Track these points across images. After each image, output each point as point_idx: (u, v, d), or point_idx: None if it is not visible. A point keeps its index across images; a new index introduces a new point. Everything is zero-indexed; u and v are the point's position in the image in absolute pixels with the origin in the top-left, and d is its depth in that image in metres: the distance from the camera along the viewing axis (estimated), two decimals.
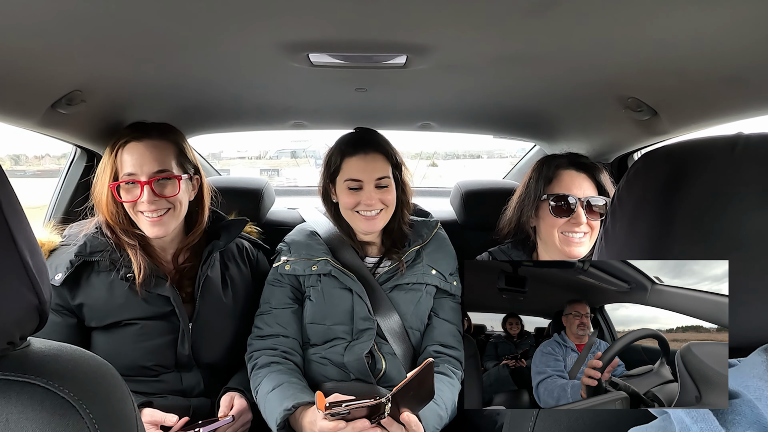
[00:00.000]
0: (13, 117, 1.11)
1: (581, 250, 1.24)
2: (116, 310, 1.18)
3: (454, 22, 0.80)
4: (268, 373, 1.18)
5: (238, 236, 1.39)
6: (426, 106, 1.57)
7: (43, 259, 0.52)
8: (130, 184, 1.18)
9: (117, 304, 1.17)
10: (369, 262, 1.35)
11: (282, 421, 1.08)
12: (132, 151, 1.19)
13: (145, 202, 1.16)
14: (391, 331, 1.26)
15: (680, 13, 0.73)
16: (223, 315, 1.29)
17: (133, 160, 1.18)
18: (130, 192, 1.18)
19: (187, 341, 1.21)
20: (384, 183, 1.27)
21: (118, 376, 0.57)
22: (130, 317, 1.18)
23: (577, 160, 1.29)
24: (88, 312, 1.18)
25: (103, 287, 1.18)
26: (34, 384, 0.49)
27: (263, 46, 0.92)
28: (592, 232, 1.24)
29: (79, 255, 1.16)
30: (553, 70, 1.06)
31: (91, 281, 1.18)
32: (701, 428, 0.38)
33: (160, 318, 1.20)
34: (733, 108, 1.06)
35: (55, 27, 0.81)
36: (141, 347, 1.19)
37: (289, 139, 6.34)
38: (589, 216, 1.22)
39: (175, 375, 1.22)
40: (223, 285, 1.31)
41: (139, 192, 1.17)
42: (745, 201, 0.43)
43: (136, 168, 1.17)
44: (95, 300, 1.17)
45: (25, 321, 0.50)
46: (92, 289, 1.18)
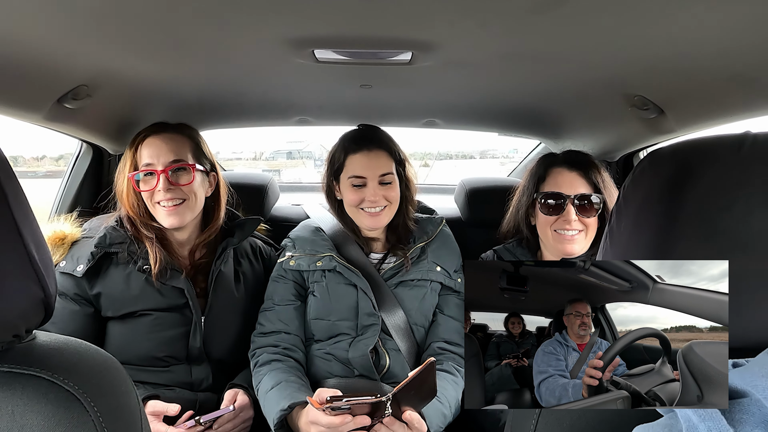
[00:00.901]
0: (20, 111, 1.11)
1: (574, 248, 1.24)
2: (132, 301, 1.21)
3: (460, 19, 0.80)
4: (269, 371, 1.19)
5: (252, 235, 1.42)
6: (431, 103, 1.57)
7: (48, 252, 0.52)
8: (148, 174, 1.22)
9: (133, 294, 1.21)
10: (374, 258, 1.35)
11: (279, 421, 1.09)
12: (150, 144, 1.24)
13: (162, 190, 1.20)
14: (395, 327, 1.26)
15: (687, 11, 0.72)
16: (234, 310, 1.31)
17: (151, 151, 1.23)
18: (148, 182, 1.22)
19: (199, 334, 1.23)
20: (388, 179, 1.28)
21: (123, 370, 0.57)
22: (145, 308, 1.22)
23: (570, 158, 1.29)
24: (105, 302, 1.21)
25: (121, 278, 1.21)
26: (39, 377, 0.49)
27: (269, 42, 0.92)
28: (587, 229, 1.23)
29: (99, 246, 1.20)
30: (558, 67, 1.05)
31: (110, 272, 1.22)
32: (709, 427, 0.38)
33: (174, 310, 1.23)
34: (740, 107, 1.05)
35: (61, 22, 0.82)
36: (154, 338, 1.22)
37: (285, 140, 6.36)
38: (580, 213, 1.22)
39: (185, 367, 1.24)
40: (236, 281, 1.34)
41: (156, 181, 1.21)
42: (751, 200, 0.43)
43: (153, 158, 1.22)
44: (112, 290, 1.21)
45: (31, 314, 0.51)
46: (110, 280, 1.21)
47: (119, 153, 1.67)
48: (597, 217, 1.23)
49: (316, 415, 1.01)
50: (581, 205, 1.22)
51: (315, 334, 1.28)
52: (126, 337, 1.22)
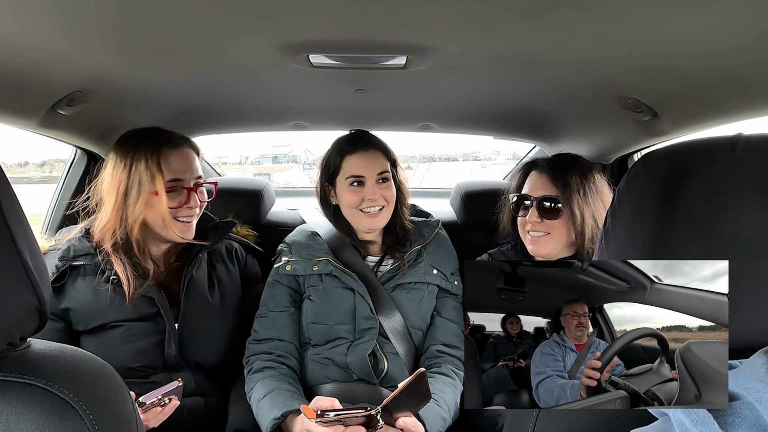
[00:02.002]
0: (14, 118, 1.11)
1: (539, 249, 1.26)
2: (101, 313, 1.17)
3: (454, 23, 0.80)
4: (261, 379, 1.18)
5: (228, 238, 1.41)
6: (426, 107, 1.57)
7: (43, 259, 0.52)
8: (174, 190, 1.19)
9: (102, 306, 1.17)
10: (370, 261, 1.35)
11: (272, 429, 1.08)
12: (173, 158, 1.20)
13: (192, 207, 1.19)
14: (393, 331, 1.26)
15: (680, 13, 0.73)
16: (209, 315, 1.29)
17: (177, 166, 1.20)
18: (175, 198, 1.20)
19: (174, 342, 1.21)
20: (385, 177, 1.29)
21: (118, 377, 0.57)
22: (116, 319, 1.18)
23: (545, 162, 1.31)
24: (75, 316, 1.18)
25: (89, 291, 1.18)
26: (34, 385, 0.49)
27: (263, 47, 0.92)
28: (553, 232, 1.24)
29: (63, 259, 1.17)
30: (552, 70, 1.06)
31: (77, 285, 1.18)
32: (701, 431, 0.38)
33: (145, 319, 1.20)
34: (733, 109, 1.05)
35: (55, 28, 0.82)
36: (128, 349, 1.18)
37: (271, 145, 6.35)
38: (543, 215, 1.24)
39: (165, 375, 1.22)
40: (210, 285, 1.31)
41: (185, 198, 1.20)
42: (745, 201, 0.43)
43: (180, 174, 1.20)
44: (81, 304, 1.17)
45: (25, 322, 0.50)
46: (78, 292, 1.18)
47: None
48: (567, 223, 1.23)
49: (310, 425, 1.01)
50: (542, 206, 1.24)
51: (312, 338, 1.28)
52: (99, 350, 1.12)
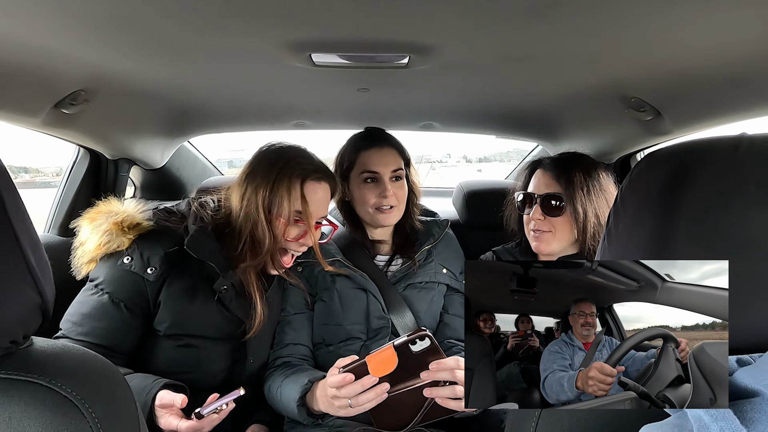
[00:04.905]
0: (17, 116, 1.11)
1: (542, 247, 1.26)
2: (185, 321, 1.06)
3: (457, 22, 0.80)
4: (280, 370, 1.19)
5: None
6: (428, 107, 1.57)
7: (45, 257, 0.52)
8: (299, 222, 1.12)
9: (192, 313, 1.06)
10: (380, 260, 1.36)
11: (301, 397, 1.06)
12: (312, 192, 1.12)
13: (307, 244, 1.14)
14: (405, 329, 1.26)
15: (684, 13, 0.73)
16: (270, 332, 1.26)
17: (312, 200, 1.12)
18: (295, 230, 1.13)
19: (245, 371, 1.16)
20: (399, 175, 1.29)
21: (121, 376, 0.57)
22: (196, 333, 1.08)
23: (549, 160, 1.30)
24: (163, 314, 1.06)
25: (183, 289, 1.07)
26: (36, 383, 0.49)
27: (266, 46, 0.92)
28: (555, 230, 1.24)
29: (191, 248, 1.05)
30: (556, 70, 1.06)
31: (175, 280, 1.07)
32: (721, 427, 0.37)
33: (225, 340, 1.12)
34: (736, 108, 1.05)
35: (58, 27, 0.82)
36: (200, 370, 1.10)
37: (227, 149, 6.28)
38: (546, 212, 1.24)
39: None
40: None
41: (305, 232, 1.12)
42: (747, 201, 0.43)
43: (310, 210, 1.11)
44: (174, 302, 1.06)
45: (28, 320, 0.51)
46: (174, 287, 1.06)
47: (117, 158, 1.67)
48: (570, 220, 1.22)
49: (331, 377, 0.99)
50: (546, 204, 1.24)
51: (325, 338, 1.27)
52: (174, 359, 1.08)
